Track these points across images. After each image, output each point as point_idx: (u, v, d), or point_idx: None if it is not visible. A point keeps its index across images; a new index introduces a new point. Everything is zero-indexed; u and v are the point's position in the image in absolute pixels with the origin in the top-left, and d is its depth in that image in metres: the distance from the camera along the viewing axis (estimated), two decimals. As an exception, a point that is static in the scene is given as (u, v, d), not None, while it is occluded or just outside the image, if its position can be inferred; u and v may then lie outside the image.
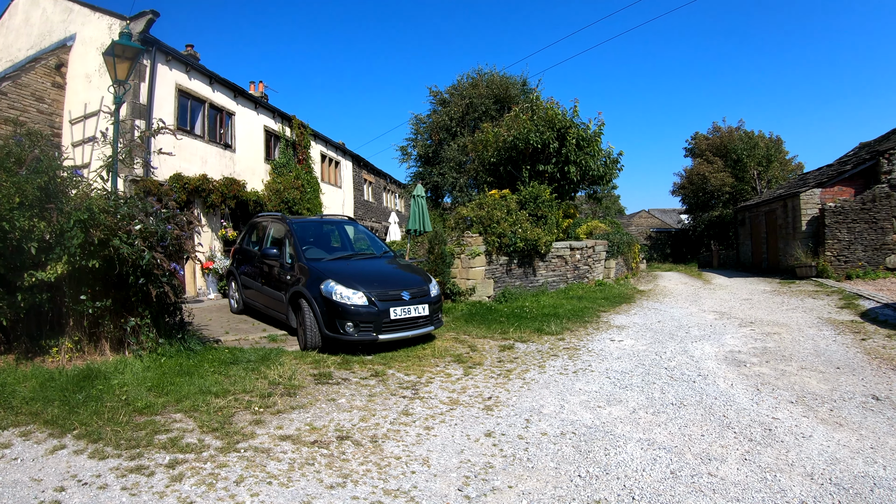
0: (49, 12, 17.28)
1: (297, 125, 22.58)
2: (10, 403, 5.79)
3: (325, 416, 5.66)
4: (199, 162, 16.62)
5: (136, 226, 7.36)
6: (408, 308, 8.59)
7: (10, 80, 15.15)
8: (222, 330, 10.00)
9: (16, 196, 6.65)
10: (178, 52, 16.58)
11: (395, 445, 4.93)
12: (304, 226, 10.75)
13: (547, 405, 6.04)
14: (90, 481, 4.23)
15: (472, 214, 14.52)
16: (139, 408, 5.70)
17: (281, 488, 4.14)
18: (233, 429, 5.27)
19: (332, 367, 7.52)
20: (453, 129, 27.49)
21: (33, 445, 4.90)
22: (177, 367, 7.03)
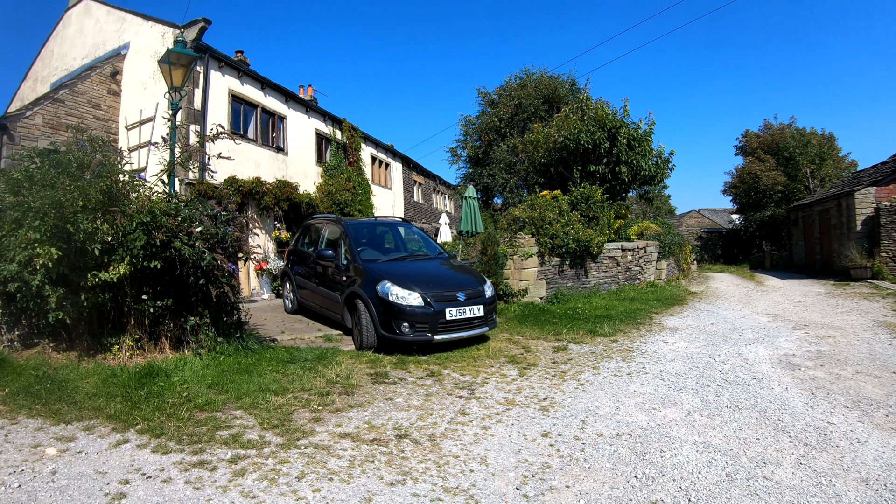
0: (102, 22, 17.92)
1: (348, 128, 22.78)
2: (74, 399, 6.00)
3: (383, 415, 5.72)
4: (252, 165, 16.93)
5: (196, 228, 7.57)
6: (463, 309, 8.59)
7: (67, 88, 15.78)
8: (278, 329, 10.15)
9: (79, 199, 6.88)
10: (230, 58, 16.95)
11: (453, 444, 4.95)
12: (358, 227, 10.84)
13: (602, 406, 6.00)
14: (154, 474, 4.34)
15: (524, 215, 14.46)
16: (200, 404, 5.83)
17: (342, 484, 4.18)
18: (293, 426, 5.35)
19: (388, 367, 7.58)
20: (502, 130, 27.43)
21: (97, 439, 5.05)
22: (236, 365, 7.17)
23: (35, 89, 19.52)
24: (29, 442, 5.00)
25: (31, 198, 7.07)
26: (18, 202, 7.29)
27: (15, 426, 5.39)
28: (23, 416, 5.63)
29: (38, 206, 6.79)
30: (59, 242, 6.74)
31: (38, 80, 19.88)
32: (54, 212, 6.74)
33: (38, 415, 5.64)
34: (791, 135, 41.79)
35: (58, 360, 7.35)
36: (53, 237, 6.73)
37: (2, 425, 5.42)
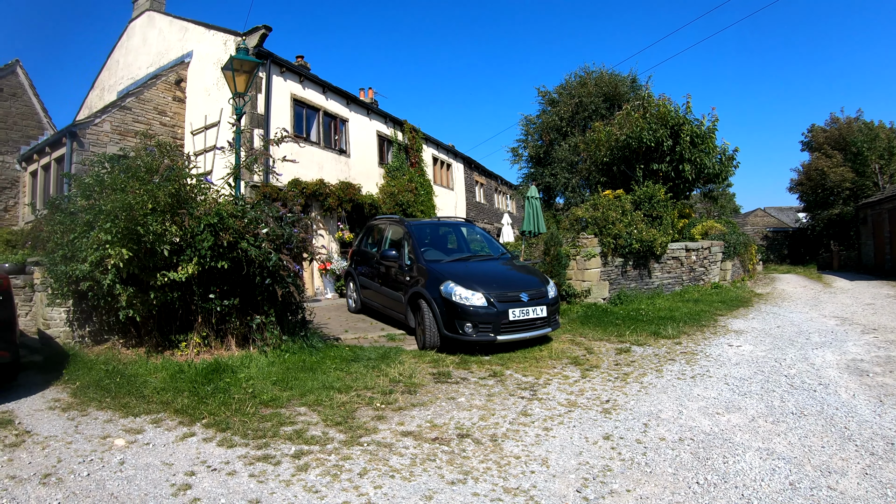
0: (165, 32, 18.61)
1: (409, 129, 22.92)
2: (142, 393, 6.22)
3: (445, 414, 5.73)
4: (315, 167, 17.20)
5: (263, 229, 7.78)
6: (526, 309, 8.52)
7: (134, 96, 16.47)
8: (341, 328, 10.29)
9: (149, 202, 7.15)
10: (291, 63, 17.27)
11: (514, 445, 4.94)
12: (421, 228, 10.89)
13: (665, 410, 5.90)
14: (219, 467, 4.45)
15: (586, 215, 14.27)
16: (265, 400, 5.96)
17: (403, 482, 4.21)
18: (355, 423, 5.40)
19: (450, 367, 7.59)
20: (563, 129, 27.11)
21: (164, 432, 5.22)
22: (300, 363, 7.30)
23: (102, 97, 20.41)
24: (98, 433, 5.20)
25: (103, 201, 7.39)
26: (90, 205, 7.65)
27: (85, 418, 5.61)
28: (93, 409, 5.86)
29: (110, 209, 7.07)
30: (129, 244, 6.99)
31: (105, 89, 20.79)
32: (125, 214, 7.00)
33: (108, 407, 5.87)
34: (858, 129, 39.75)
35: (127, 355, 7.64)
36: (124, 238, 6.98)
37: (72, 417, 5.65)
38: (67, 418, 5.59)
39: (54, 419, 5.58)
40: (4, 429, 5.31)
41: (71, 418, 5.59)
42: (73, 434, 5.18)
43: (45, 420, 5.56)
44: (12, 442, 4.98)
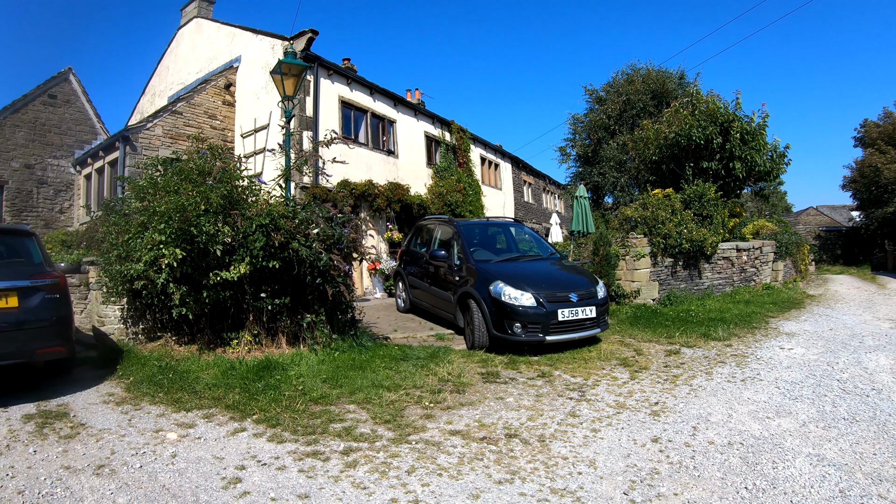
0: (213, 38, 19.09)
1: (456, 129, 22.96)
2: (195, 388, 6.37)
3: (493, 414, 5.73)
4: (364, 168, 17.34)
5: (314, 230, 7.88)
6: (575, 310, 8.46)
7: (185, 100, 16.92)
8: (390, 328, 10.36)
9: (202, 204, 7.32)
10: (338, 66, 17.46)
11: (562, 446, 4.92)
12: (470, 228, 10.90)
13: (714, 413, 5.81)
14: (269, 462, 4.52)
15: (636, 215, 14.13)
16: (315, 398, 6.04)
17: (451, 480, 4.23)
18: (404, 421, 5.44)
19: (499, 367, 7.57)
20: (611, 128, 26.81)
21: (215, 427, 5.33)
22: (350, 361, 7.37)
23: (153, 103, 21.01)
24: (151, 427, 5.33)
25: (156, 203, 7.61)
26: (144, 207, 7.87)
27: (138, 412, 5.77)
28: (146, 403, 6.01)
29: (164, 210, 7.27)
30: (182, 244, 7.17)
31: (156, 95, 21.41)
32: (178, 216, 7.20)
33: (161, 402, 6.01)
34: (914, 123, 38.11)
35: (179, 352, 7.81)
36: (178, 239, 7.17)
37: (126, 411, 5.81)
38: (121, 412, 5.75)
39: (108, 413, 5.74)
40: (60, 421, 5.47)
41: (124, 412, 5.75)
42: (127, 427, 5.31)
43: (100, 413, 5.72)
44: (67, 434, 5.13)
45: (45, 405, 5.95)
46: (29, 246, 6.93)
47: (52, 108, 18.91)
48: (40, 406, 5.92)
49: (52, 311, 6.28)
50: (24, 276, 6.24)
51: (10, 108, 17.98)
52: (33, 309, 6.12)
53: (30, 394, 6.36)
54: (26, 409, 5.80)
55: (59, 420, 5.48)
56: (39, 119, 18.58)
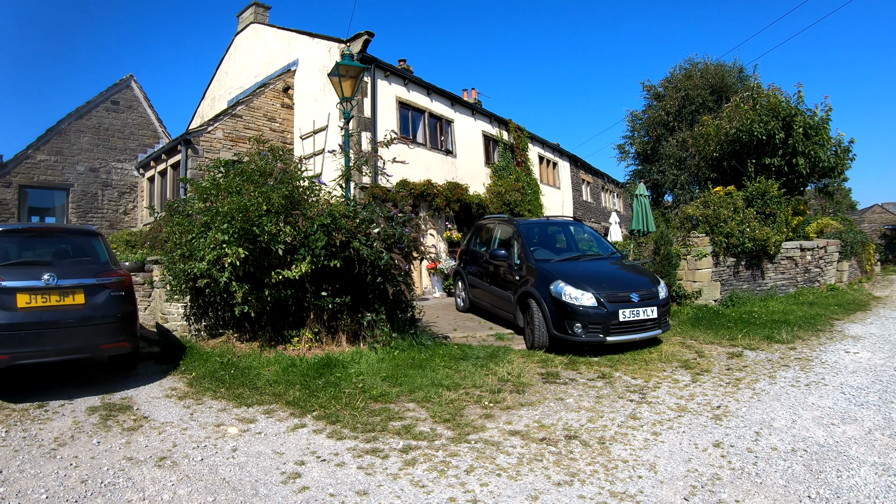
0: (270, 43, 19.48)
1: (514, 128, 22.84)
2: (255, 384, 6.48)
3: (553, 415, 5.70)
4: (423, 168, 17.39)
5: (374, 229, 7.97)
6: (636, 310, 8.35)
7: (244, 104, 17.28)
8: (450, 327, 10.41)
9: (263, 204, 7.46)
10: (395, 66, 17.57)
11: (622, 448, 4.88)
12: (530, 227, 10.85)
13: (777, 419, 5.68)
14: (328, 458, 4.56)
15: (697, 213, 13.81)
16: (374, 396, 6.08)
17: (510, 481, 4.21)
18: (463, 421, 5.43)
19: (559, 367, 7.53)
20: (670, 124, 26.26)
21: (276, 423, 5.41)
22: (409, 360, 7.39)
23: (213, 107, 21.62)
24: (212, 421, 5.44)
25: (219, 203, 7.77)
26: (207, 208, 8.09)
27: (200, 406, 5.90)
28: (207, 398, 6.15)
29: (226, 210, 7.43)
30: (245, 243, 7.31)
31: (216, 99, 22.00)
32: (241, 216, 7.34)
33: (222, 397, 6.14)
34: None
35: (241, 348, 7.97)
36: (240, 238, 7.31)
37: (188, 405, 5.94)
38: (183, 406, 5.89)
39: (170, 406, 5.89)
40: (123, 413, 5.63)
41: (186, 406, 5.89)
42: (188, 421, 5.44)
43: (162, 407, 5.87)
44: (130, 426, 5.28)
45: (110, 398, 6.13)
46: (95, 245, 7.16)
47: (115, 113, 19.62)
48: (105, 399, 6.10)
49: (117, 307, 6.48)
50: (90, 274, 6.46)
51: (74, 114, 18.72)
52: (99, 306, 6.32)
53: (95, 387, 6.57)
54: (91, 402, 5.99)
55: (122, 413, 5.65)
56: (103, 124, 19.27)
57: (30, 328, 5.86)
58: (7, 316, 5.80)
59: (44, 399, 6.05)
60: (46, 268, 6.22)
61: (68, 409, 5.78)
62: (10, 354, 5.77)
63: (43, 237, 7.44)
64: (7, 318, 5.79)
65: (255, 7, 20.33)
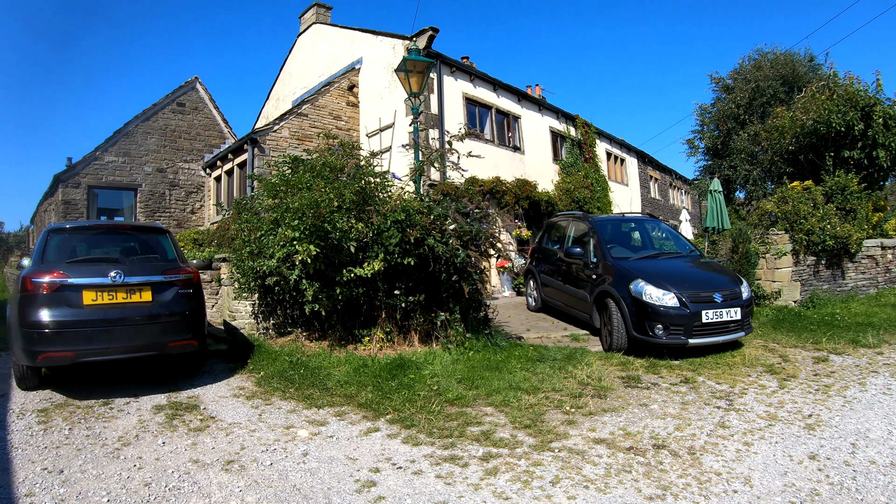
0: (333, 42, 19.62)
1: (581, 124, 22.50)
2: (326, 385, 6.34)
3: (638, 422, 5.46)
4: (491, 165, 17.14)
5: (450, 225, 7.78)
6: (719, 311, 8.01)
7: (309, 103, 17.43)
8: (523, 327, 10.15)
9: (335, 200, 7.32)
10: (460, 62, 17.43)
11: (713, 460, 4.62)
12: (606, 224, 10.54)
13: (873, 429, 5.35)
14: (404, 465, 4.34)
15: (775, 209, 13.24)
16: (450, 399, 5.87)
17: (598, 494, 3.99)
18: (545, 427, 5.18)
19: (639, 371, 7.28)
20: (741, 117, 25.40)
21: (347, 426, 5.23)
22: (484, 361, 7.18)
23: (277, 107, 21.91)
24: (282, 423, 5.28)
25: (289, 199, 7.64)
26: (276, 204, 7.96)
27: (268, 407, 5.76)
28: (276, 398, 6.02)
29: (297, 206, 7.31)
30: (316, 240, 7.18)
31: (280, 99, 22.32)
32: (312, 212, 7.21)
33: (291, 398, 6.00)
34: None
35: (310, 347, 7.86)
36: (311, 235, 7.19)
37: (256, 405, 5.82)
38: (251, 406, 5.77)
39: (238, 406, 5.77)
40: (190, 413, 5.54)
41: (255, 406, 5.76)
42: (257, 422, 5.30)
43: (230, 407, 5.76)
44: (197, 426, 5.17)
45: (176, 397, 6.08)
46: (163, 242, 7.13)
47: (181, 115, 20.06)
48: (171, 397, 6.05)
49: (185, 305, 6.42)
50: (158, 271, 6.42)
51: (141, 116, 19.22)
52: (166, 303, 6.27)
53: (161, 385, 6.54)
54: (157, 400, 5.94)
55: (189, 412, 5.56)
56: (169, 126, 19.72)
57: (95, 325, 5.81)
58: (72, 313, 5.77)
59: (109, 396, 6.04)
60: (113, 265, 6.20)
61: (134, 407, 5.73)
62: (75, 352, 5.74)
63: (110, 234, 7.45)
64: (72, 315, 5.76)
65: (316, 8, 20.56)
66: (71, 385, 6.42)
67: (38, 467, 4.26)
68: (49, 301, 5.73)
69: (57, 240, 6.52)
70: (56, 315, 5.70)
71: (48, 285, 5.75)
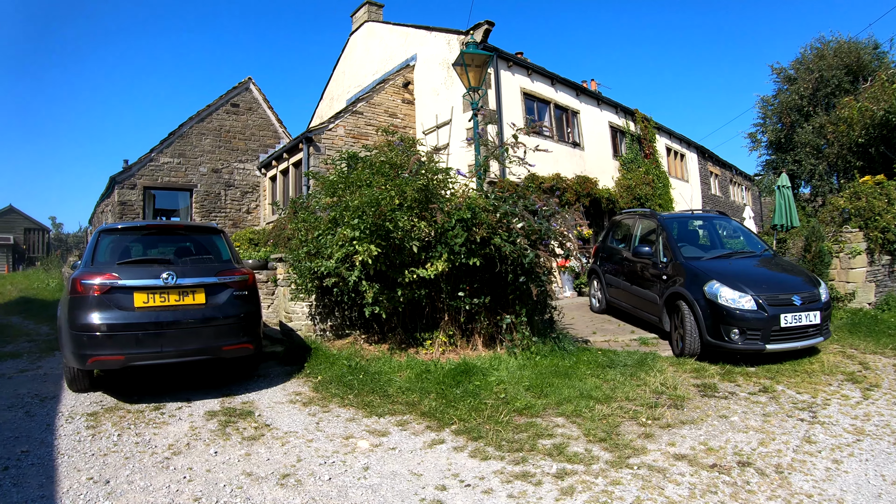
0: (387, 40, 19.54)
1: (640, 118, 21.95)
2: (386, 392, 6.07)
3: (719, 436, 5.10)
4: (550, 161, 16.60)
5: (518, 224, 7.46)
6: (798, 315, 7.54)
7: (364, 101, 17.35)
8: (588, 330, 9.83)
9: (396, 198, 7.04)
10: (517, 57, 17.08)
11: (803, 480, 4.27)
12: (675, 222, 10.09)
13: None
14: (473, 483, 4.05)
15: (847, 205, 12.57)
16: (518, 408, 5.55)
17: None
18: (621, 441, 4.83)
19: (715, 378, 6.87)
20: (804, 109, 24.51)
21: (410, 437, 4.95)
22: (552, 367, 6.85)
23: (332, 107, 21.99)
24: (341, 433, 5.03)
25: (349, 197, 7.40)
26: (335, 203, 7.75)
27: (327, 414, 5.53)
28: (335, 405, 5.78)
29: (357, 204, 7.04)
30: (377, 240, 6.92)
31: (334, 99, 22.38)
32: (372, 210, 6.93)
33: (350, 405, 5.76)
34: None
35: (369, 351, 7.62)
36: (372, 235, 6.92)
37: (313, 412, 5.58)
38: (308, 414, 5.55)
39: (295, 413, 5.57)
40: (244, 420, 5.34)
41: (312, 414, 5.55)
42: (314, 431, 5.08)
43: (286, 414, 5.56)
44: (251, 435, 4.97)
45: (230, 402, 5.92)
46: (217, 243, 6.98)
47: (236, 115, 20.26)
48: (224, 403, 5.89)
49: (240, 307, 6.24)
50: (212, 272, 6.26)
51: (195, 117, 19.46)
52: (220, 305, 6.11)
53: (214, 389, 6.40)
54: (210, 406, 5.79)
55: (242, 419, 5.37)
56: (224, 126, 19.92)
57: (147, 328, 5.67)
58: (123, 316, 5.63)
59: (161, 400, 5.91)
60: (166, 266, 6.05)
61: (186, 412, 5.58)
62: (126, 355, 5.60)
63: (163, 235, 7.32)
64: (123, 317, 5.62)
65: (367, 6, 20.56)
66: (122, 387, 6.34)
67: (83, 476, 4.10)
68: (99, 303, 5.60)
69: (108, 241, 6.42)
70: (106, 318, 5.56)
71: (98, 287, 5.63)
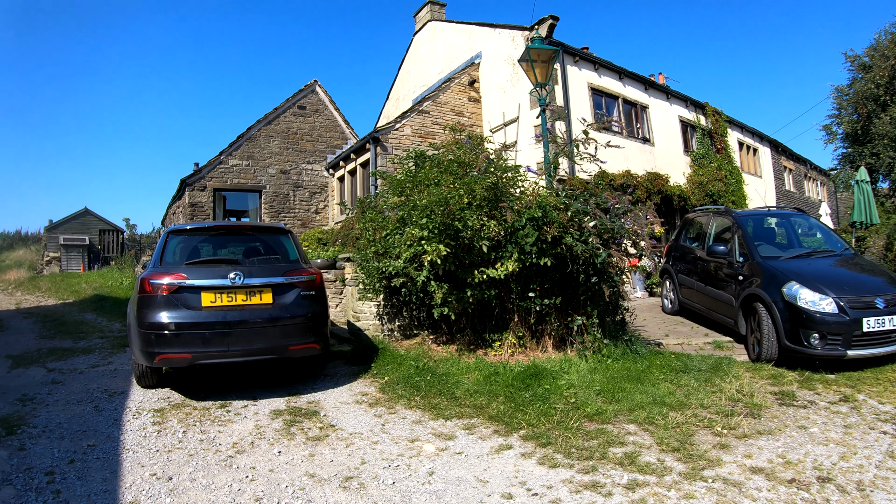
0: (450, 39, 19.58)
1: (711, 112, 21.31)
2: (454, 394, 6.01)
3: (798, 448, 4.82)
4: (620, 158, 16.38)
5: (590, 223, 7.29)
6: (882, 319, 7.11)
7: (430, 100, 17.47)
8: (660, 332, 9.58)
9: (465, 196, 6.96)
10: (583, 51, 16.87)
11: (885, 498, 3.98)
12: (750, 219, 9.75)
13: None
14: (540, 492, 3.93)
15: None
16: (589, 413, 5.42)
17: None
18: (695, 451, 4.63)
19: (793, 386, 6.53)
20: (881, 99, 23.34)
21: (477, 441, 4.87)
22: (624, 371, 6.68)
23: (397, 107, 22.20)
24: (406, 435, 5.00)
25: (416, 196, 7.37)
26: (402, 202, 7.71)
27: (392, 416, 5.51)
28: (401, 407, 5.76)
29: (425, 203, 7.00)
30: (445, 239, 6.87)
31: (400, 99, 22.59)
32: (441, 209, 6.88)
33: (417, 407, 5.73)
34: None
35: (437, 352, 7.58)
36: (440, 234, 6.86)
37: (379, 413, 5.57)
38: (374, 415, 5.54)
39: (360, 414, 5.57)
40: (309, 420, 5.37)
41: (378, 415, 5.54)
42: (380, 433, 5.06)
43: (351, 414, 5.57)
44: (315, 435, 4.98)
45: (296, 401, 5.96)
46: (284, 243, 7.06)
47: (303, 117, 20.66)
48: (290, 402, 5.93)
49: (307, 307, 6.29)
50: (279, 272, 6.33)
51: (263, 120, 19.93)
52: (287, 305, 6.17)
53: (281, 388, 6.46)
54: (275, 405, 5.84)
55: (308, 419, 5.40)
56: (291, 128, 20.34)
57: (214, 328, 5.78)
58: (190, 315, 5.76)
59: (227, 398, 6.01)
60: (233, 266, 6.16)
61: (251, 410, 5.65)
62: (193, 354, 5.73)
63: (230, 235, 7.46)
64: (190, 316, 5.75)
65: (430, 5, 20.70)
66: (189, 385, 6.47)
67: (146, 472, 4.19)
68: (167, 303, 5.75)
69: (176, 241, 6.59)
70: (174, 317, 5.71)
71: (167, 287, 5.78)
